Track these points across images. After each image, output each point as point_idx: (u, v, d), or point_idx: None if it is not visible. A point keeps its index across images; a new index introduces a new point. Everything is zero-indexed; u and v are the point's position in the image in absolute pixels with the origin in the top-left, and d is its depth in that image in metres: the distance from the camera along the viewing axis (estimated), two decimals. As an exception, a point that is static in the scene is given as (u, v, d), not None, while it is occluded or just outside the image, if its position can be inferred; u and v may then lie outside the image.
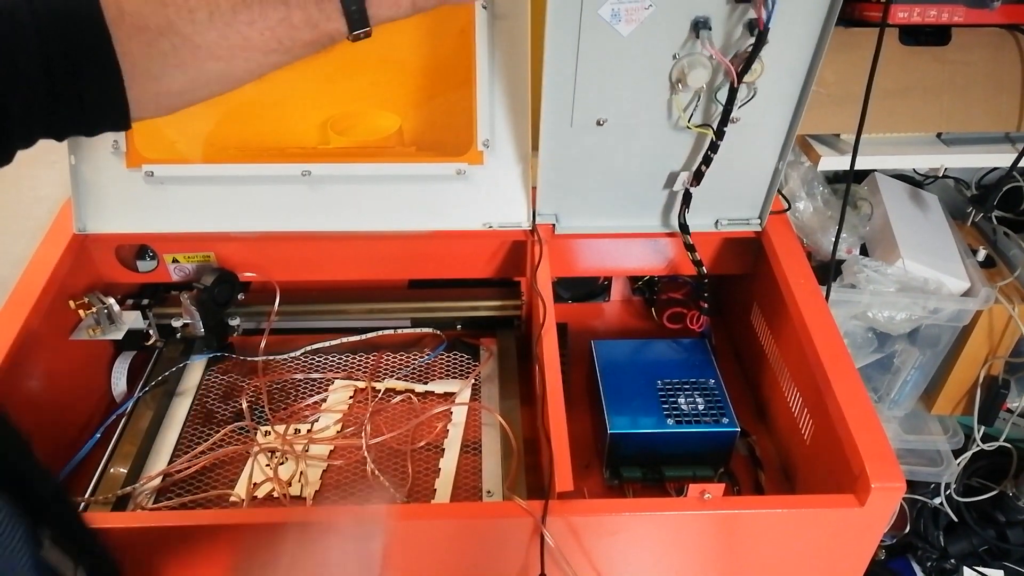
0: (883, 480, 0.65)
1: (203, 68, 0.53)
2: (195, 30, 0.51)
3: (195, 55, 0.52)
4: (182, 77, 0.53)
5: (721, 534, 0.70)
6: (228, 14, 0.52)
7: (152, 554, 0.66)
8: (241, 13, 0.52)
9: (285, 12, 0.53)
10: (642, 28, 0.74)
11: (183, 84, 0.54)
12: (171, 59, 0.52)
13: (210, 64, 0.53)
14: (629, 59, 0.76)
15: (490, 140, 0.88)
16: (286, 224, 0.90)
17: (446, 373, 0.97)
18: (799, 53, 0.77)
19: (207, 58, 0.53)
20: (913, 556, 1.33)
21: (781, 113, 0.83)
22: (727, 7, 0.73)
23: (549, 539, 0.67)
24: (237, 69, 0.55)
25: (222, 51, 0.53)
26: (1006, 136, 1.04)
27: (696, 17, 0.74)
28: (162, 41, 0.51)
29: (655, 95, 0.80)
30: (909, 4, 0.94)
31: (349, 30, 0.55)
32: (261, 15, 0.52)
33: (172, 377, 0.94)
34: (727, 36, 0.75)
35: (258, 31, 0.53)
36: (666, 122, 0.82)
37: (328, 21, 0.54)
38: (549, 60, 0.76)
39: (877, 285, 1.00)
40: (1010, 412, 1.15)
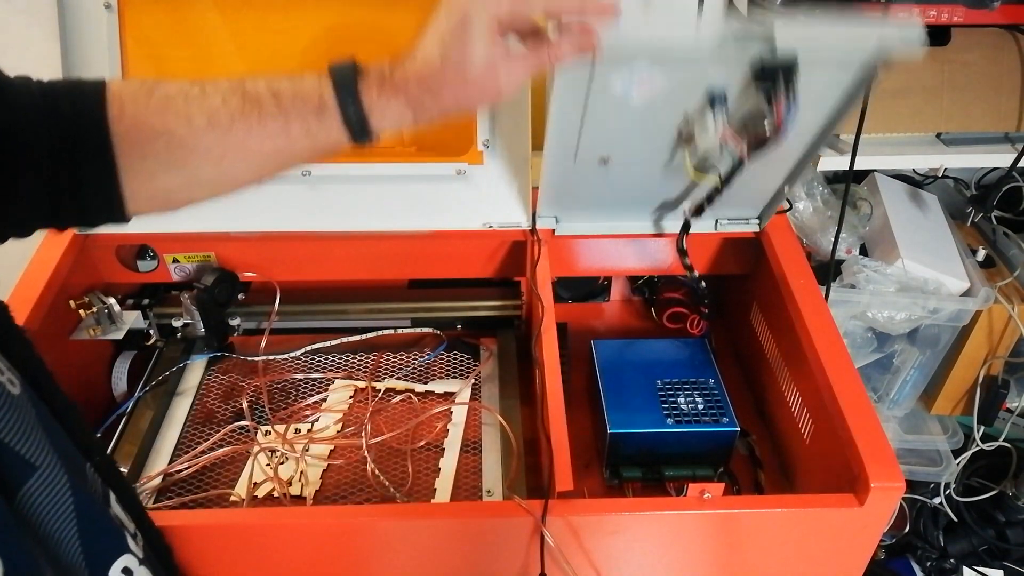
0: (883, 480, 0.65)
1: (198, 171, 0.53)
2: (191, 134, 0.51)
3: (190, 158, 0.52)
4: (177, 177, 0.53)
5: (721, 534, 0.70)
6: (226, 122, 0.52)
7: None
8: (239, 122, 0.52)
9: (284, 123, 0.53)
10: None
11: (178, 184, 0.53)
12: (165, 159, 0.52)
13: (206, 167, 0.53)
14: (638, 112, 0.72)
15: (490, 140, 0.88)
16: (286, 224, 0.90)
17: (446, 373, 0.97)
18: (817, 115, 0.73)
19: (203, 162, 0.53)
20: (913, 556, 1.33)
21: (795, 147, 0.79)
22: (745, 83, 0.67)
23: (549, 539, 0.67)
24: (234, 173, 0.54)
25: (218, 156, 0.53)
26: (1005, 136, 1.04)
27: (712, 90, 0.68)
28: (157, 142, 0.51)
29: (661, 139, 0.76)
30: (909, 4, 0.94)
31: (351, 141, 0.54)
32: (259, 124, 0.52)
33: (172, 377, 0.94)
34: (741, 102, 0.70)
35: (256, 140, 0.53)
36: (669, 161, 0.79)
37: (327, 133, 0.54)
38: (554, 110, 0.72)
39: (877, 285, 1.00)
40: (1009, 412, 1.15)
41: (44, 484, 0.35)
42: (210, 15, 0.87)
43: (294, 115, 0.53)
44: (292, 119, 0.53)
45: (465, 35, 0.53)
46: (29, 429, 0.36)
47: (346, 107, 0.53)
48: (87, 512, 0.38)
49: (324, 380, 0.95)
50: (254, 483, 0.81)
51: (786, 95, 0.64)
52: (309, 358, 0.98)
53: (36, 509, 0.35)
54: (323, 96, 0.53)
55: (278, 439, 0.86)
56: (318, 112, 0.53)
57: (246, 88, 0.53)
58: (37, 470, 0.35)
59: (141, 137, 0.51)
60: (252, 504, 0.79)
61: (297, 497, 0.81)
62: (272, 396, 0.92)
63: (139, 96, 0.52)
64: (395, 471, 0.83)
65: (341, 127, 0.54)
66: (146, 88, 0.52)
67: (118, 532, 0.41)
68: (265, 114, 0.53)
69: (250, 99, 0.53)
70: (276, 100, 0.53)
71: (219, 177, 0.54)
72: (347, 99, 0.53)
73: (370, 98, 0.54)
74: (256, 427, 0.88)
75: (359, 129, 0.54)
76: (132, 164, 0.51)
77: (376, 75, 0.54)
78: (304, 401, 0.92)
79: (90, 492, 0.40)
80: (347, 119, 0.53)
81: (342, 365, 0.97)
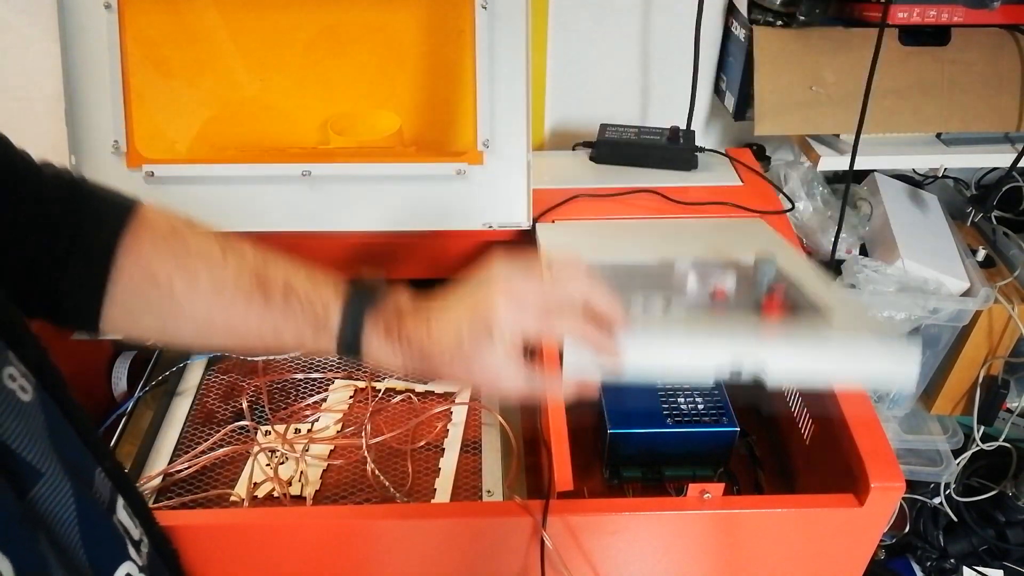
0: (883, 480, 0.65)
1: (178, 328, 0.52)
2: (189, 296, 0.50)
3: (177, 315, 0.51)
4: (155, 324, 0.52)
5: (721, 534, 0.70)
6: (228, 298, 0.51)
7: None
8: (240, 303, 0.51)
9: (281, 321, 0.52)
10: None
11: (153, 329, 0.52)
12: (154, 307, 0.51)
13: (187, 328, 0.52)
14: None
15: (490, 140, 0.88)
16: (286, 224, 0.90)
17: (446, 373, 0.97)
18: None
19: (186, 323, 0.52)
20: (913, 556, 1.33)
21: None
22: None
23: (548, 540, 0.67)
24: (208, 341, 0.53)
25: (203, 323, 0.52)
26: (1005, 136, 1.04)
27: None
28: (154, 291, 0.50)
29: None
30: (909, 4, 0.94)
31: (336, 353, 0.54)
32: (258, 312, 0.51)
33: (172, 377, 0.94)
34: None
35: (247, 324, 0.52)
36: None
37: (316, 343, 0.53)
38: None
39: (877, 285, 1.00)
40: (1009, 412, 1.15)
41: (49, 490, 0.36)
42: (210, 15, 0.87)
43: (294, 319, 0.52)
44: (290, 321, 0.52)
45: (486, 341, 0.52)
46: (36, 436, 0.36)
47: (345, 334, 0.53)
48: (89, 519, 0.38)
49: (324, 380, 0.95)
50: (254, 483, 0.81)
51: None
52: (309, 358, 0.98)
53: (45, 513, 0.35)
54: (329, 316, 0.53)
55: (278, 439, 0.86)
56: (317, 327, 0.53)
57: (264, 271, 0.53)
58: (43, 476, 0.35)
59: (142, 279, 0.50)
60: (252, 504, 0.79)
61: (297, 497, 0.81)
62: (272, 396, 0.92)
63: (161, 237, 0.51)
64: (395, 471, 0.83)
65: (332, 343, 0.53)
66: (173, 232, 0.51)
67: (120, 540, 0.41)
68: (269, 306, 0.52)
69: (261, 284, 0.52)
70: (285, 296, 0.52)
71: (192, 338, 0.53)
72: (349, 329, 0.53)
73: (370, 337, 0.53)
74: (256, 427, 0.88)
75: (348, 350, 0.53)
76: (120, 296, 0.50)
77: (387, 317, 0.54)
78: (304, 401, 0.92)
79: (94, 499, 0.40)
80: (342, 341, 0.53)
81: (342, 365, 0.97)
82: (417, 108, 0.94)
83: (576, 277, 0.54)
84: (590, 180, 1.01)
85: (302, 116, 0.94)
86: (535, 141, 1.11)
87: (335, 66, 0.91)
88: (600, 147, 1.05)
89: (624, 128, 1.06)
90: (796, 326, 0.62)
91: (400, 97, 0.93)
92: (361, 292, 0.54)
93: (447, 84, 0.91)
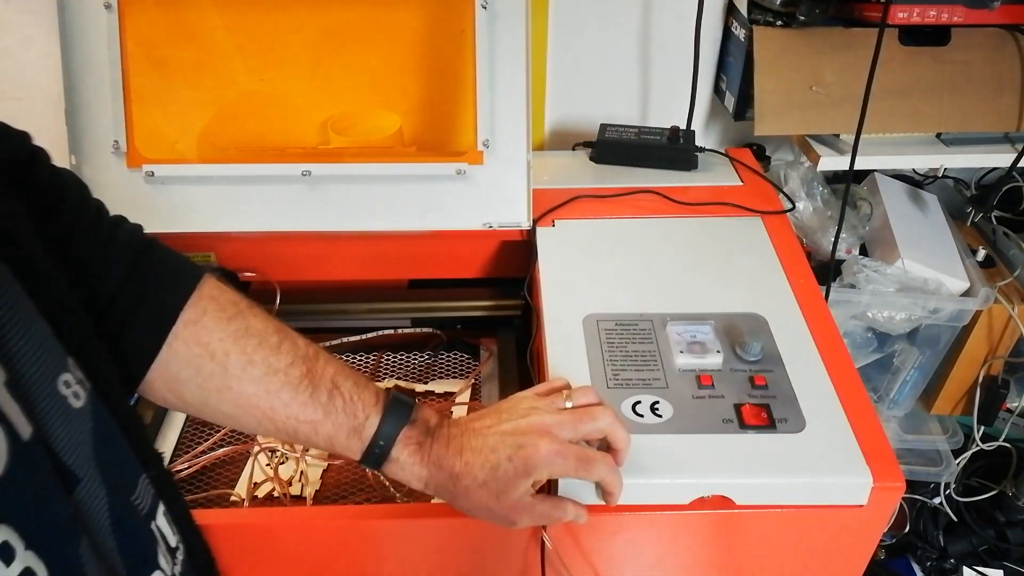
0: (883, 480, 0.64)
1: (220, 404, 0.53)
2: (240, 375, 0.52)
3: (222, 392, 0.52)
4: (198, 397, 0.52)
5: (721, 534, 0.70)
6: (276, 385, 0.52)
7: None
8: (286, 392, 0.53)
9: (321, 418, 0.54)
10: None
11: (195, 401, 0.53)
12: (202, 380, 0.51)
13: (227, 406, 0.53)
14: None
15: (490, 140, 0.88)
16: (286, 224, 0.90)
17: (446, 373, 0.97)
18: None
19: (228, 400, 0.53)
20: (913, 556, 1.33)
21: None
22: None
23: (548, 540, 0.67)
24: (243, 423, 0.55)
25: (246, 405, 0.53)
26: (1005, 136, 1.04)
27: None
28: (207, 363, 0.51)
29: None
30: (909, 4, 0.94)
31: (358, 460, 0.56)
32: (302, 405, 0.53)
33: (172, 377, 0.93)
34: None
35: (285, 415, 0.53)
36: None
37: (345, 447, 0.55)
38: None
39: (877, 285, 1.00)
40: (1009, 412, 1.15)
41: (88, 495, 0.36)
42: (210, 15, 0.87)
43: (333, 419, 0.54)
44: (329, 420, 0.54)
45: (521, 480, 0.56)
46: (79, 442, 0.36)
47: (375, 446, 0.55)
48: (123, 526, 0.38)
49: (324, 380, 0.95)
50: (254, 483, 0.81)
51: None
52: (309, 358, 0.98)
53: (86, 516, 0.36)
54: (366, 425, 0.55)
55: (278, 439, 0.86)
56: (351, 432, 0.55)
57: (314, 365, 0.54)
58: (81, 481, 0.36)
59: (198, 351, 0.51)
60: (252, 504, 0.79)
61: (297, 497, 0.81)
62: (272, 396, 0.92)
63: (223, 312, 0.52)
64: (395, 471, 0.83)
65: (360, 452, 0.56)
66: (235, 309, 0.53)
67: (152, 547, 0.41)
68: (314, 400, 0.54)
69: (311, 377, 0.54)
70: (330, 394, 0.54)
71: (229, 418, 0.54)
72: (382, 438, 0.55)
73: (400, 452, 0.56)
74: (256, 427, 0.88)
75: (371, 462, 0.56)
76: (171, 364, 0.50)
77: (420, 436, 0.57)
78: (304, 401, 0.92)
79: (132, 505, 0.40)
80: (368, 453, 0.55)
81: (342, 365, 0.97)
82: (417, 108, 0.94)
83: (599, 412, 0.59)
84: (590, 180, 1.01)
85: (302, 116, 0.94)
86: (535, 141, 1.11)
87: (335, 66, 0.91)
88: (600, 147, 1.05)
89: (624, 128, 1.06)
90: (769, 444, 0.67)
91: (400, 97, 0.93)
92: (400, 406, 0.57)
93: (447, 84, 0.91)
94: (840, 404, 0.70)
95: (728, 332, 0.76)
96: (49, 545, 0.32)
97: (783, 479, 0.65)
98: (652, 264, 0.86)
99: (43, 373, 0.34)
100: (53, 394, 0.35)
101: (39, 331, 0.35)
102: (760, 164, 1.07)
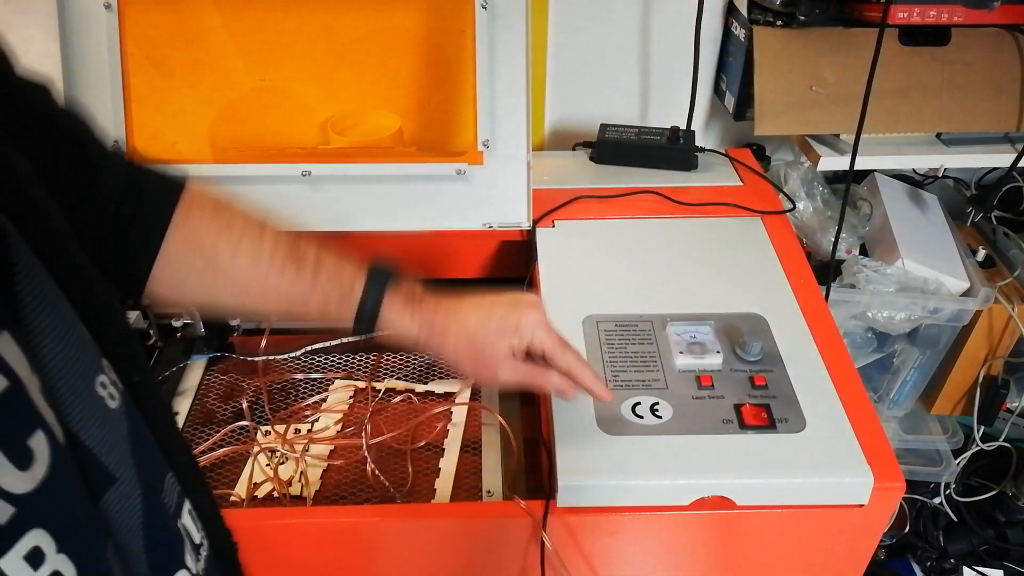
0: (883, 480, 0.65)
1: (216, 293, 0.58)
2: (231, 264, 0.56)
3: (217, 281, 0.57)
4: (197, 290, 0.57)
5: (721, 534, 0.70)
6: (265, 267, 0.57)
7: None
8: (275, 273, 0.57)
9: (309, 291, 0.58)
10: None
11: (194, 294, 0.58)
12: (197, 273, 0.56)
13: (224, 294, 0.58)
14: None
15: (490, 140, 0.88)
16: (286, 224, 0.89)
17: (446, 373, 0.97)
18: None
19: (225, 289, 0.57)
20: (913, 556, 1.33)
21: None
22: None
23: (548, 540, 0.67)
24: (242, 306, 0.60)
25: (240, 290, 0.58)
26: (1005, 136, 1.04)
27: None
28: (200, 257, 0.56)
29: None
30: (909, 4, 0.94)
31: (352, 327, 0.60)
32: (290, 282, 0.58)
33: (172, 377, 0.93)
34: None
35: (279, 293, 0.58)
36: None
37: (338, 315, 0.60)
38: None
39: (877, 285, 1.00)
40: (1009, 412, 1.15)
41: (120, 496, 0.36)
42: (210, 15, 0.87)
43: (321, 289, 0.59)
44: (318, 291, 0.58)
45: (508, 335, 0.61)
46: (117, 442, 0.36)
47: (365, 305, 0.59)
48: (153, 525, 0.38)
49: (324, 380, 0.95)
50: (254, 483, 0.81)
51: None
52: (309, 358, 0.98)
53: (113, 518, 0.36)
54: (353, 287, 0.59)
55: (278, 439, 0.86)
56: (341, 297, 0.59)
57: (296, 245, 0.59)
58: (116, 482, 0.36)
59: (189, 247, 0.55)
60: (252, 504, 0.79)
61: (297, 497, 0.81)
62: (272, 396, 0.92)
63: (207, 212, 0.56)
64: (395, 471, 0.83)
65: (351, 317, 0.60)
66: (217, 208, 0.57)
67: (179, 545, 0.41)
68: (300, 276, 0.58)
69: (295, 257, 0.58)
70: (315, 270, 0.59)
71: (228, 304, 0.59)
72: (370, 299, 0.60)
73: (388, 310, 0.60)
74: (256, 427, 0.88)
75: (365, 325, 0.60)
76: (168, 264, 0.55)
77: (407, 290, 0.62)
78: (304, 401, 0.92)
79: (162, 504, 0.40)
80: (361, 314, 0.59)
81: (342, 365, 0.97)
82: (417, 108, 0.94)
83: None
84: (590, 180, 1.01)
85: (302, 116, 0.94)
86: (535, 141, 1.11)
87: (335, 66, 0.91)
88: (600, 147, 1.05)
89: (624, 128, 1.06)
90: (769, 444, 0.67)
91: (400, 97, 0.93)
92: (383, 268, 0.61)
93: (447, 84, 0.91)
94: (840, 404, 0.70)
95: (728, 332, 0.76)
96: (81, 547, 0.32)
97: (783, 479, 0.65)
98: (652, 264, 0.86)
99: (81, 375, 0.35)
100: (91, 395, 0.35)
101: (76, 333, 0.35)
102: (760, 164, 1.07)
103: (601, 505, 0.66)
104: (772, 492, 0.66)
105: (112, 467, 0.36)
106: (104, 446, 0.35)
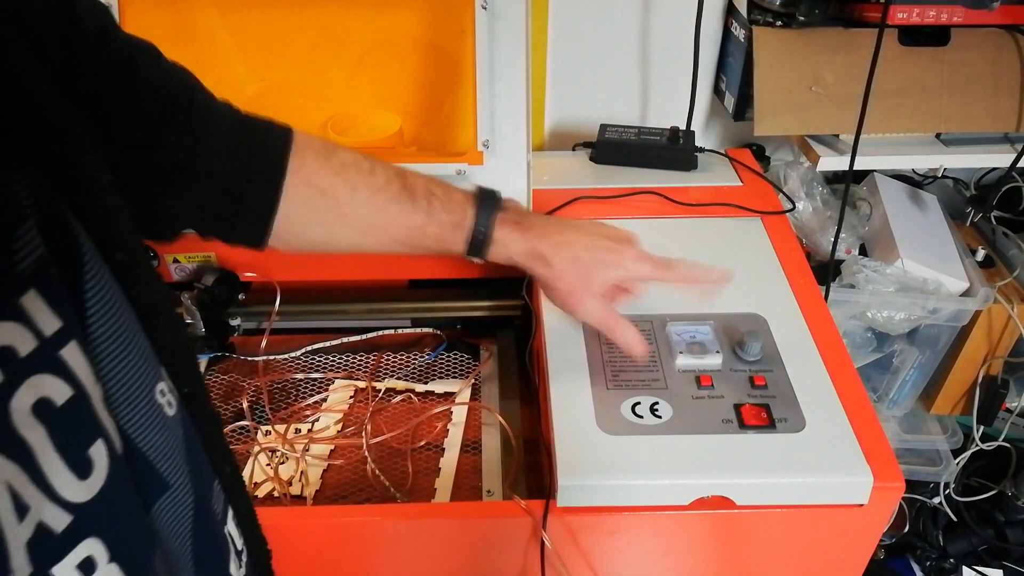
0: (883, 479, 0.65)
1: (340, 234, 0.60)
2: (351, 202, 0.59)
3: (340, 222, 0.59)
4: (320, 233, 0.60)
5: (721, 534, 0.70)
6: (382, 202, 0.60)
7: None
8: (392, 206, 0.60)
9: (425, 221, 0.61)
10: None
11: (318, 238, 0.60)
12: (321, 216, 0.58)
13: (347, 233, 0.60)
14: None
15: (490, 140, 0.88)
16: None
17: (446, 373, 0.97)
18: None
19: (348, 228, 0.60)
20: (912, 556, 1.33)
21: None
22: None
23: (548, 540, 0.67)
24: (363, 245, 0.62)
25: (362, 228, 0.60)
26: (1005, 136, 1.04)
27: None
28: (320, 200, 0.58)
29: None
30: (908, 4, 0.94)
31: (465, 254, 0.64)
32: (406, 214, 0.60)
33: (172, 377, 0.93)
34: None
35: (397, 225, 0.61)
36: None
37: (453, 244, 0.63)
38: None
39: (876, 285, 1.01)
40: (1009, 412, 1.15)
41: (172, 503, 0.36)
42: (210, 15, 0.87)
43: (436, 218, 0.61)
44: (433, 221, 0.61)
45: (607, 268, 0.65)
46: (174, 449, 0.36)
47: (478, 228, 0.62)
48: (202, 532, 0.39)
49: (324, 380, 0.95)
50: (254, 483, 0.81)
51: None
52: (309, 358, 0.98)
53: (163, 526, 0.36)
54: (466, 213, 0.62)
55: (278, 439, 0.86)
56: (454, 227, 0.62)
57: (407, 179, 0.61)
58: (169, 488, 0.36)
59: (309, 192, 0.57)
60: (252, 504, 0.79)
61: (297, 497, 0.81)
62: (272, 396, 0.92)
63: (320, 155, 0.58)
64: (395, 471, 0.83)
65: (465, 242, 0.63)
66: (327, 150, 0.59)
67: (225, 552, 0.42)
68: (416, 208, 0.61)
69: (408, 189, 0.61)
70: (428, 200, 0.61)
71: (351, 243, 0.61)
72: (481, 223, 0.62)
73: (500, 232, 0.63)
74: (256, 427, 0.88)
75: (476, 253, 0.63)
76: (291, 211, 0.57)
77: (514, 212, 0.64)
78: (304, 401, 0.92)
79: (211, 511, 0.40)
80: (474, 238, 0.62)
81: (342, 365, 0.97)
82: (417, 108, 0.94)
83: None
84: (590, 180, 1.01)
85: (302, 116, 0.94)
86: (535, 141, 1.11)
87: (335, 66, 0.91)
88: (600, 147, 1.05)
89: (624, 128, 1.07)
90: (769, 444, 0.67)
91: (400, 97, 0.94)
92: (489, 196, 0.64)
93: (447, 84, 0.91)
94: (840, 404, 0.70)
95: (728, 332, 0.76)
96: (132, 556, 0.32)
97: (783, 479, 0.65)
98: (652, 264, 0.86)
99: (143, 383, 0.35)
100: (151, 403, 0.35)
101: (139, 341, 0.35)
102: (760, 164, 1.07)
103: (601, 505, 0.66)
104: (772, 492, 0.66)
105: (167, 474, 0.36)
106: (161, 453, 0.35)
